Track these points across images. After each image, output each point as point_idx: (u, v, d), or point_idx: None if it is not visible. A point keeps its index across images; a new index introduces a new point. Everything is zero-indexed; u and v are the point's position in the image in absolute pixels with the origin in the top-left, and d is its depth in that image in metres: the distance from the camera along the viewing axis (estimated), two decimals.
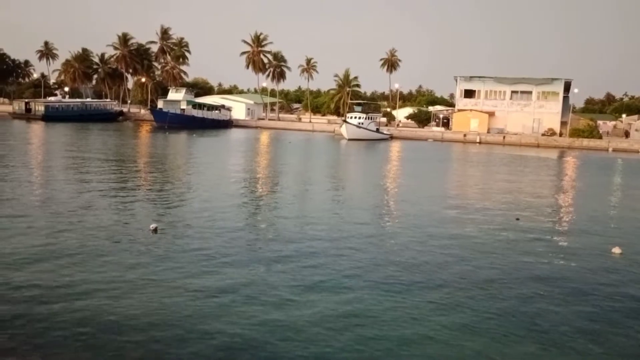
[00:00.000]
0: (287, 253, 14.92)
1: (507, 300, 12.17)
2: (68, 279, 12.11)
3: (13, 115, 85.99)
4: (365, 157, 52.72)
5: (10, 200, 20.09)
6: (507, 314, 11.31)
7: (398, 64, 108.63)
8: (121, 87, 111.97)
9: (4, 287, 11.41)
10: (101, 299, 11.12)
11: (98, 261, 13.43)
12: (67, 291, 11.41)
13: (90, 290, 11.52)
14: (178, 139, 61.09)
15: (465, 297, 12.21)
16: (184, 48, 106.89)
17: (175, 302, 11.15)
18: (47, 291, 11.34)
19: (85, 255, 13.81)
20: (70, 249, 14.27)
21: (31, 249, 14.12)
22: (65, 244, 14.78)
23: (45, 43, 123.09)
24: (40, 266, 12.84)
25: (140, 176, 29.96)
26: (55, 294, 11.24)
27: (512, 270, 14.44)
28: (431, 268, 14.24)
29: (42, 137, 55.03)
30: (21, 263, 12.98)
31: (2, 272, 12.30)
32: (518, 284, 13.32)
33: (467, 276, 13.69)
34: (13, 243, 14.55)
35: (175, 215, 19.33)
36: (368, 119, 75.61)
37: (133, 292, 11.56)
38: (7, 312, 10.25)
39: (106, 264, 13.27)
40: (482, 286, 13.00)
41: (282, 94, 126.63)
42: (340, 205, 23.61)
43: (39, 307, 10.51)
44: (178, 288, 11.90)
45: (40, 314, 10.24)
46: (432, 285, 12.88)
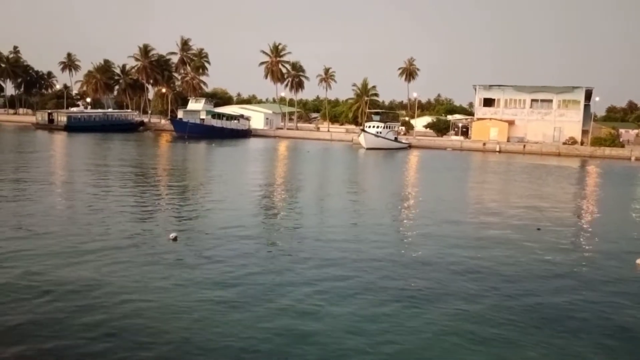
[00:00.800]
0: (306, 263, 14.89)
1: (528, 312, 11.99)
2: (87, 285, 12.24)
3: (36, 125, 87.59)
4: (384, 166, 52.59)
5: (33, 208, 20.39)
6: (528, 326, 11.15)
7: (416, 73, 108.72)
8: (142, 98, 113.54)
9: (26, 291, 11.57)
10: (119, 305, 11.21)
11: (118, 269, 13.55)
12: (86, 296, 11.52)
13: (109, 297, 11.61)
14: (197, 148, 61.62)
15: (486, 308, 12.06)
16: (204, 59, 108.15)
17: (193, 310, 11.19)
18: (66, 296, 11.46)
19: (105, 263, 13.94)
20: (91, 257, 14.42)
21: (51, 255, 14.30)
22: (86, 251, 14.95)
23: (68, 55, 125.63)
24: (60, 272, 12.99)
25: (161, 185, 30.25)
26: (74, 299, 11.35)
27: (534, 281, 14.24)
28: (451, 278, 14.10)
29: (64, 147, 55.96)
30: (41, 269, 13.14)
31: (23, 276, 12.48)
32: (539, 295, 13.13)
33: (488, 287, 13.53)
34: (33, 249, 14.76)
35: (195, 224, 19.47)
36: (386, 128, 75.52)
37: (151, 300, 11.63)
38: (27, 315, 10.38)
39: (126, 271, 13.38)
40: (503, 297, 12.84)
41: (301, 103, 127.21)
42: (359, 214, 23.56)
43: (56, 311, 10.63)
44: (196, 296, 11.95)
45: (58, 318, 10.35)
46: (454, 296, 12.74)
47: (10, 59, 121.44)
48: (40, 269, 13.26)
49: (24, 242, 15.63)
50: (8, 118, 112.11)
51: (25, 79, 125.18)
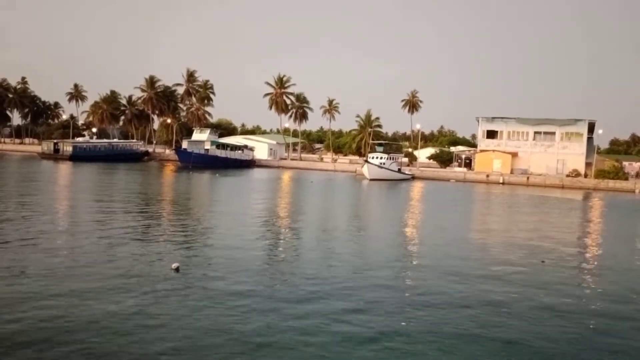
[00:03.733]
0: (309, 296, 14.76)
1: (532, 346, 11.82)
2: (89, 314, 12.15)
3: (42, 155, 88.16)
4: (387, 197, 52.56)
5: (36, 239, 20.38)
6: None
7: (419, 105, 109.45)
8: (147, 128, 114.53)
9: (25, 322, 11.48)
10: (121, 335, 11.11)
11: (119, 299, 13.46)
12: (87, 327, 11.43)
13: (110, 327, 11.52)
14: (201, 178, 61.82)
15: (486, 347, 11.90)
16: (209, 90, 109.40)
17: (194, 341, 11.08)
18: (66, 326, 11.37)
19: (107, 293, 13.86)
20: (93, 286, 14.35)
21: (53, 285, 14.24)
22: (88, 280, 14.87)
23: (75, 85, 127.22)
24: (61, 301, 12.91)
25: (164, 215, 30.25)
26: (75, 329, 11.27)
27: (539, 314, 14.07)
28: (455, 312, 13.94)
29: (68, 177, 56.21)
30: (43, 299, 13.08)
31: (24, 307, 12.40)
32: (544, 329, 12.95)
33: (492, 320, 13.37)
34: (35, 280, 14.70)
35: (197, 254, 19.40)
36: (390, 159, 75.77)
37: (152, 330, 11.53)
38: (27, 344, 10.28)
39: (127, 301, 13.29)
40: (507, 330, 12.68)
41: (304, 134, 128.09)
42: (362, 246, 23.46)
43: (57, 343, 10.53)
44: (197, 328, 11.84)
45: (59, 349, 10.26)
46: (457, 331, 12.59)
47: (17, 89, 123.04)
48: (42, 299, 13.18)
49: (27, 272, 15.58)
50: (14, 148, 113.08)
51: (32, 109, 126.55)
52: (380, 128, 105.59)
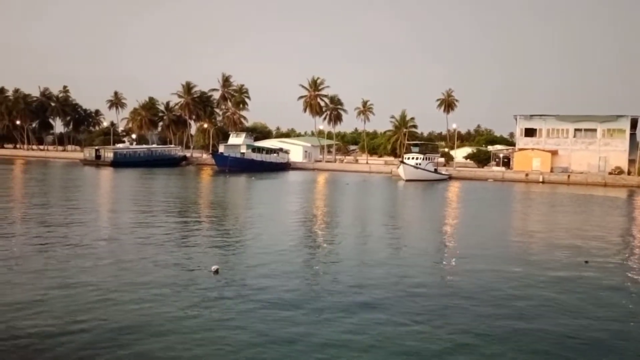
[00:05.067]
0: (347, 298, 14.79)
1: (575, 350, 11.57)
2: (129, 316, 12.46)
3: (84, 161, 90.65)
4: (424, 197, 52.12)
5: (78, 243, 20.99)
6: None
7: (455, 104, 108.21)
8: (185, 133, 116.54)
9: (69, 324, 11.85)
10: (160, 337, 11.36)
11: (159, 301, 13.76)
12: (127, 329, 11.72)
13: (150, 329, 11.79)
14: (238, 182, 62.54)
15: (533, 346, 11.70)
16: (244, 94, 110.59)
17: (232, 345, 11.22)
18: (108, 328, 11.69)
19: (147, 295, 14.19)
20: (133, 289, 14.72)
21: (96, 287, 14.66)
22: (128, 283, 15.27)
23: (115, 93, 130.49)
24: (104, 304, 13.28)
25: (203, 218, 30.75)
26: (116, 331, 11.57)
27: (582, 317, 13.75)
28: (496, 314, 13.75)
29: (110, 183, 57.69)
30: (86, 301, 13.48)
31: (68, 309, 12.80)
32: (588, 332, 12.65)
33: (535, 324, 13.14)
34: (77, 282, 15.17)
35: (236, 256, 19.66)
36: (426, 160, 75.12)
37: (191, 332, 11.74)
38: (71, 347, 10.62)
39: (167, 303, 13.58)
40: (551, 334, 12.44)
41: (339, 136, 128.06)
42: (399, 247, 23.34)
43: (99, 344, 10.85)
44: (236, 331, 11.99)
45: (100, 350, 10.58)
46: (499, 333, 12.42)
47: (60, 98, 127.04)
48: (82, 300, 13.59)
49: (68, 275, 16.09)
50: (57, 155, 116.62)
51: (74, 117, 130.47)
52: (416, 128, 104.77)
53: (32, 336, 11.22)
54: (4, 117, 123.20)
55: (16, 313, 12.54)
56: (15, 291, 14.24)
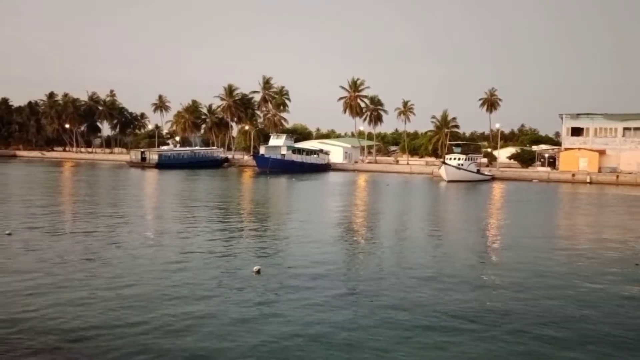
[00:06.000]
0: (388, 299, 14.72)
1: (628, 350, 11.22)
2: (171, 316, 12.71)
3: (130, 163, 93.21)
4: (466, 198, 51.36)
5: (125, 243, 21.59)
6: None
7: (498, 104, 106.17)
8: (226, 135, 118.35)
9: (119, 322, 12.21)
10: (201, 336, 11.55)
11: (202, 301, 14.00)
12: (169, 329, 11.98)
13: (193, 328, 12.01)
14: (278, 183, 63.07)
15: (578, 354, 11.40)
16: (285, 96, 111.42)
17: (273, 345, 11.32)
18: (152, 327, 11.99)
19: (190, 295, 14.45)
20: (176, 289, 15.01)
21: (140, 287, 15.04)
22: (171, 283, 15.60)
23: (160, 97, 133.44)
24: (147, 303, 13.60)
25: (244, 219, 31.16)
26: (158, 330, 11.85)
27: (634, 323, 13.31)
28: (537, 318, 13.45)
29: (155, 184, 59.11)
30: (130, 301, 13.83)
31: (115, 305, 13.20)
32: (635, 333, 12.25)
33: (582, 332, 12.79)
34: (123, 281, 15.61)
35: (277, 257, 19.84)
36: (468, 160, 74.04)
37: (232, 332, 11.89)
38: (119, 345, 10.96)
39: (210, 304, 13.80)
40: (597, 342, 12.09)
41: (379, 136, 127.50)
42: (441, 250, 23.06)
43: (143, 342, 11.14)
44: (277, 331, 12.09)
45: (143, 348, 10.86)
46: (541, 338, 12.15)
47: (107, 102, 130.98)
48: (128, 299, 13.98)
49: (113, 271, 16.59)
50: (104, 157, 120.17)
51: (120, 120, 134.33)
52: (458, 128, 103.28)
53: (83, 332, 11.62)
54: (54, 120, 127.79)
55: (68, 310, 13.01)
56: (67, 290, 14.74)
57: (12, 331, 11.57)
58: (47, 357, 10.40)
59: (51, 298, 13.86)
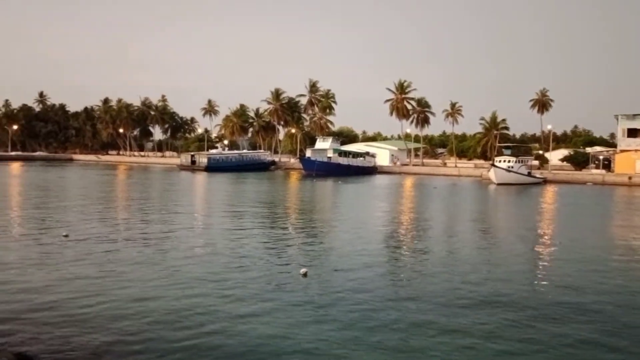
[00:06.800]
0: (435, 306, 14.50)
1: None
2: (219, 317, 12.97)
3: (180, 167, 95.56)
4: (517, 202, 50.17)
5: (175, 244, 22.15)
6: None
7: (550, 104, 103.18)
8: (273, 138, 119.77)
9: (165, 324, 12.58)
10: (249, 338, 11.73)
11: (250, 303, 14.19)
12: (218, 328, 12.23)
13: (240, 330, 12.20)
14: (325, 186, 63.29)
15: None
16: (331, 99, 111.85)
17: (320, 347, 11.39)
18: (202, 328, 12.28)
19: (238, 297, 14.69)
20: (224, 290, 15.28)
21: (188, 288, 15.39)
22: (220, 284, 15.90)
23: (209, 101, 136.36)
24: (198, 304, 13.93)
25: (291, 222, 31.45)
26: (204, 330, 12.12)
27: None
28: (595, 329, 13.06)
29: (204, 187, 60.40)
30: (175, 298, 14.19)
31: (167, 309, 13.59)
32: None
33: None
34: (171, 281, 16.02)
35: (324, 260, 19.94)
36: (518, 162, 72.34)
37: (280, 334, 12.02)
38: (170, 345, 11.29)
39: (258, 305, 13.99)
40: None
41: (426, 139, 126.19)
42: (490, 255, 22.63)
43: (192, 340, 11.42)
44: (324, 333, 12.15)
45: (191, 346, 11.15)
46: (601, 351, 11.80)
47: (159, 106, 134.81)
48: (175, 301, 14.37)
49: (165, 271, 17.08)
50: (156, 160, 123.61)
51: (171, 124, 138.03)
52: (507, 130, 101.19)
53: (141, 331, 12.04)
54: (109, 125, 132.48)
55: (128, 310, 13.50)
56: (124, 291, 15.28)
57: (74, 331, 12.09)
58: (110, 356, 10.83)
59: (110, 297, 14.36)
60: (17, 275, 16.46)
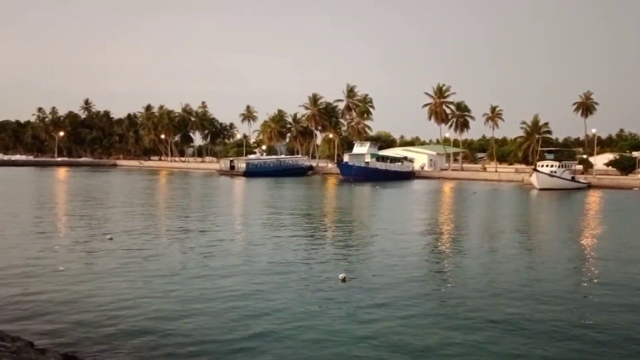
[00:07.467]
0: (476, 311, 14.31)
1: None
2: (258, 323, 13.04)
3: (220, 172, 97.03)
4: (560, 207, 48.94)
5: (215, 247, 22.50)
6: None
7: (594, 107, 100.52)
8: (311, 143, 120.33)
9: (209, 330, 12.76)
10: (288, 343, 11.80)
11: (289, 308, 14.24)
12: (257, 332, 12.33)
13: (278, 333, 12.28)
14: (362, 191, 63.13)
15: None
16: (368, 104, 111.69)
17: (359, 353, 11.33)
18: (243, 331, 12.42)
19: (277, 303, 14.75)
20: (263, 295, 15.39)
21: (229, 293, 15.55)
22: (258, 288, 16.03)
23: (247, 107, 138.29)
24: (235, 308, 14.08)
25: (329, 227, 31.46)
26: (247, 333, 12.23)
27: None
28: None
29: (243, 191, 61.12)
30: (218, 302, 14.36)
31: (211, 312, 13.78)
32: None
33: None
34: (210, 286, 16.21)
35: (363, 265, 19.88)
36: (561, 167, 70.60)
37: (319, 340, 12.03)
38: (216, 348, 11.45)
39: (297, 311, 14.04)
40: None
41: (465, 143, 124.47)
42: (532, 261, 22.11)
43: (230, 342, 11.55)
44: (363, 339, 12.10)
45: (230, 348, 11.27)
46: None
47: (199, 113, 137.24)
48: (216, 301, 14.55)
49: (207, 275, 17.32)
50: (197, 165, 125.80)
51: (211, 130, 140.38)
52: (550, 134, 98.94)
53: (182, 330, 12.28)
54: (151, 131, 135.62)
55: (171, 314, 13.78)
56: (164, 291, 15.60)
57: (119, 332, 12.39)
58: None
59: (154, 300, 14.69)
60: (64, 277, 16.98)
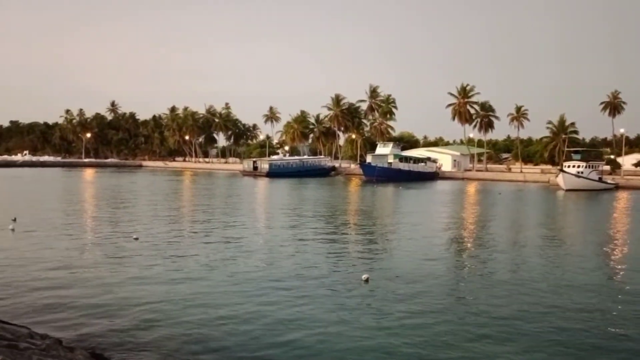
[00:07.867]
0: (501, 313, 14.20)
1: None
2: (283, 323, 13.13)
3: (243, 172, 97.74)
4: (587, 209, 48.15)
5: (239, 248, 22.69)
6: None
7: (622, 107, 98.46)
8: (333, 144, 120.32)
9: (233, 331, 12.91)
10: (311, 343, 11.87)
11: (313, 309, 14.31)
12: (281, 333, 12.44)
13: (302, 335, 12.35)
14: (386, 191, 62.94)
15: None
16: (391, 104, 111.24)
17: (382, 354, 11.34)
18: (261, 327, 12.53)
19: (300, 302, 14.84)
20: (286, 295, 15.49)
21: (250, 293, 15.68)
22: (281, 287, 16.17)
23: (270, 108, 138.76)
24: (261, 308, 14.17)
25: (352, 227, 31.48)
26: (271, 334, 12.35)
27: None
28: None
29: (266, 192, 61.45)
30: (243, 307, 14.46)
31: (235, 314, 13.93)
32: None
33: None
34: (236, 286, 16.39)
35: (386, 266, 19.86)
36: (588, 168, 69.42)
37: (342, 340, 12.07)
38: (239, 349, 11.58)
39: (320, 311, 14.10)
40: None
41: (490, 144, 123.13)
42: (557, 264, 21.78)
43: (256, 349, 11.66)
44: (386, 339, 12.10)
45: (255, 355, 11.37)
46: None
47: (222, 114, 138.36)
48: (240, 302, 14.70)
49: (231, 276, 17.50)
50: (220, 166, 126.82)
51: (234, 131, 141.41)
52: (576, 134, 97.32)
53: (206, 331, 12.45)
54: (175, 133, 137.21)
55: (199, 315, 13.97)
56: (189, 292, 15.82)
57: (146, 332, 12.62)
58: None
59: (179, 301, 14.91)
60: (91, 277, 17.33)
